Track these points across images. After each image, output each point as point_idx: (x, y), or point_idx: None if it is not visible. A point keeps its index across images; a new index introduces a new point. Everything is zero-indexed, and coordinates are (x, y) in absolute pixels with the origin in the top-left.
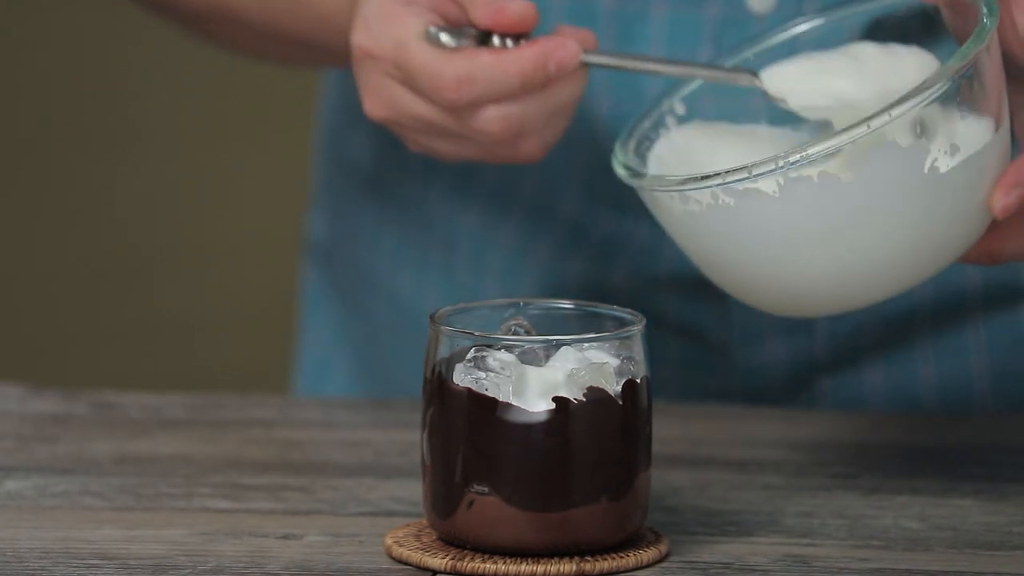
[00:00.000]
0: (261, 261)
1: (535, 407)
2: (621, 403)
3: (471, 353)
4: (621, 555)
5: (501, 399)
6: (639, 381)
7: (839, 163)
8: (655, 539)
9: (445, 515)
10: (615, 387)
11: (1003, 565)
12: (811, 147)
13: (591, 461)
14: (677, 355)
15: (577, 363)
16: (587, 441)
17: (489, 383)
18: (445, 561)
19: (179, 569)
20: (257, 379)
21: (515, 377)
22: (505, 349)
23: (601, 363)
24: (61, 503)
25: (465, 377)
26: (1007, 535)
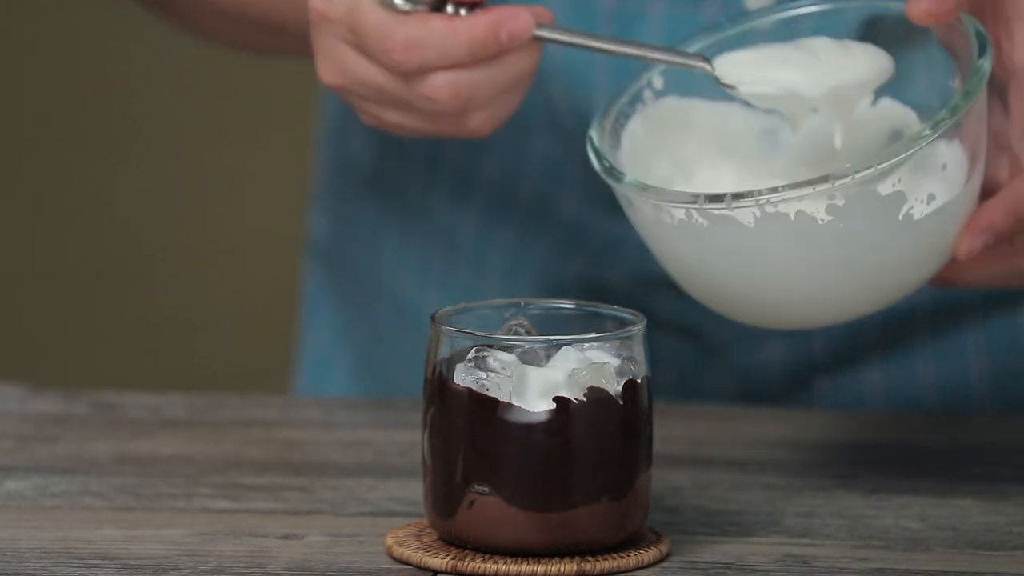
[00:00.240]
0: (261, 261)
1: (536, 407)
2: (622, 403)
3: (472, 353)
4: (622, 555)
5: (502, 399)
6: (640, 381)
7: (817, 204)
8: (656, 539)
9: (446, 515)
10: (616, 387)
11: (1003, 565)
12: (792, 187)
13: (592, 461)
14: (675, 356)
15: (578, 363)
16: (588, 441)
17: (490, 383)
18: (446, 561)
19: (179, 569)
20: (258, 379)
21: (516, 377)
22: (506, 349)
23: (602, 363)
24: (61, 503)
25: (466, 377)
26: (1007, 535)
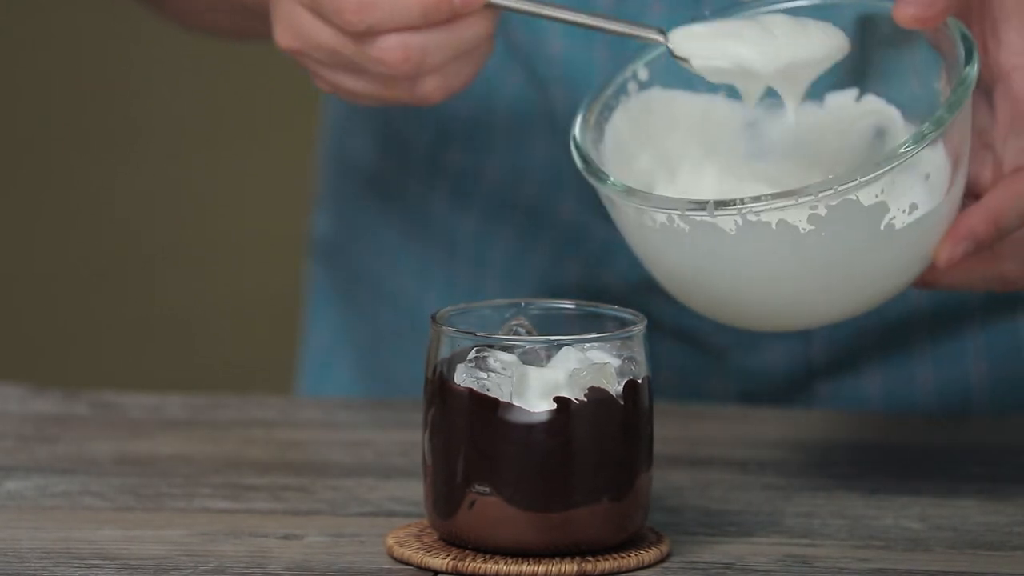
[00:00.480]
0: (262, 261)
1: (536, 407)
2: (622, 403)
3: (472, 353)
4: (622, 555)
5: (502, 399)
6: (640, 381)
7: (799, 213)
8: (656, 539)
9: (446, 515)
10: (616, 387)
11: (1003, 565)
12: (775, 197)
13: (592, 461)
14: (674, 360)
15: (578, 363)
16: (588, 441)
17: (490, 383)
18: (446, 561)
19: (180, 569)
20: (258, 379)
21: (516, 377)
22: (506, 349)
23: (602, 363)
24: (61, 503)
25: (466, 377)
26: (1007, 535)
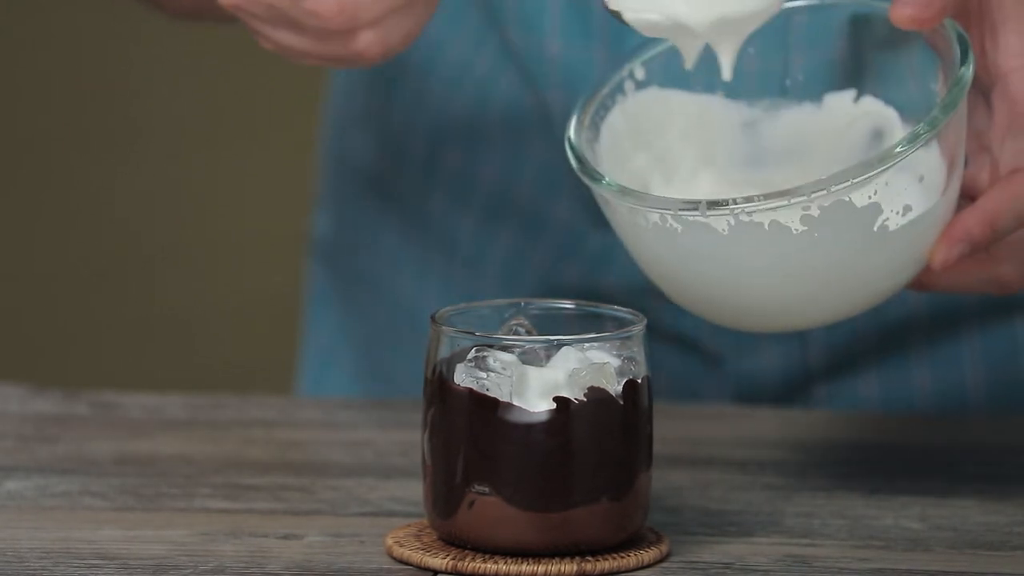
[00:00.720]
0: (263, 261)
1: (536, 407)
2: (622, 403)
3: (472, 353)
4: (622, 555)
5: (502, 399)
6: (640, 381)
7: (792, 214)
8: (656, 539)
9: (446, 515)
10: (616, 387)
11: (1003, 565)
12: (767, 198)
13: (592, 461)
14: (670, 363)
15: (578, 363)
16: (588, 441)
17: (490, 383)
18: (446, 561)
19: (179, 569)
20: (259, 379)
21: (516, 377)
22: (506, 349)
23: (602, 363)
24: (61, 503)
25: (466, 377)
26: (1007, 535)
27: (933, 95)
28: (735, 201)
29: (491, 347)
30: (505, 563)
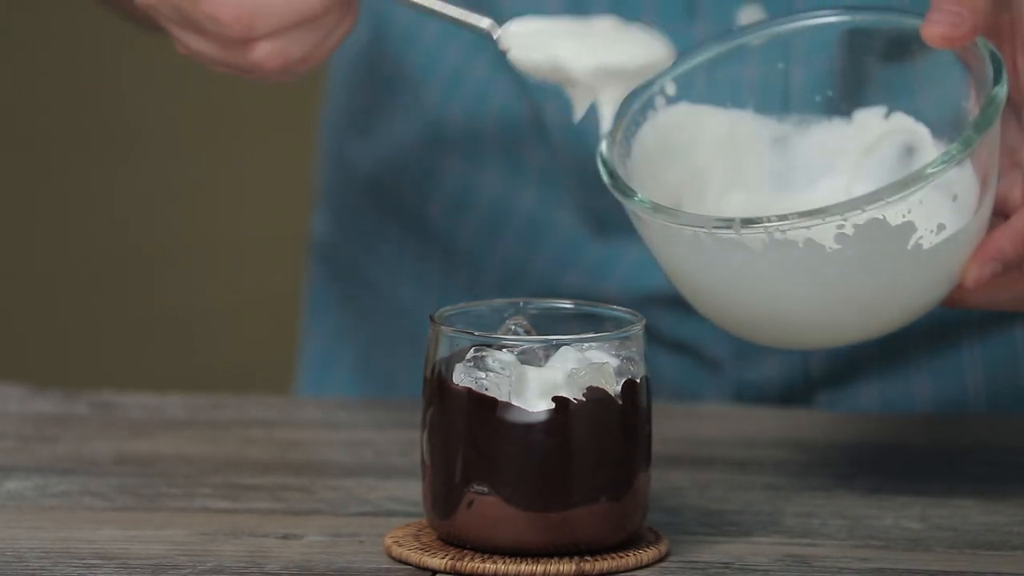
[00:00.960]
0: (261, 261)
1: (535, 407)
2: (621, 403)
3: (471, 353)
4: (621, 555)
5: (501, 399)
6: (639, 381)
7: (826, 232)
8: (655, 539)
9: (445, 515)
10: (615, 387)
11: (1003, 565)
12: (802, 216)
13: (591, 461)
14: (672, 371)
15: (577, 363)
16: (587, 441)
17: (489, 383)
18: (445, 561)
19: (179, 569)
20: (258, 379)
21: (515, 377)
22: (505, 349)
23: (601, 363)
24: (61, 503)
25: (465, 377)
26: (1007, 535)
27: (965, 112)
28: (769, 219)
29: (490, 347)
30: (504, 563)
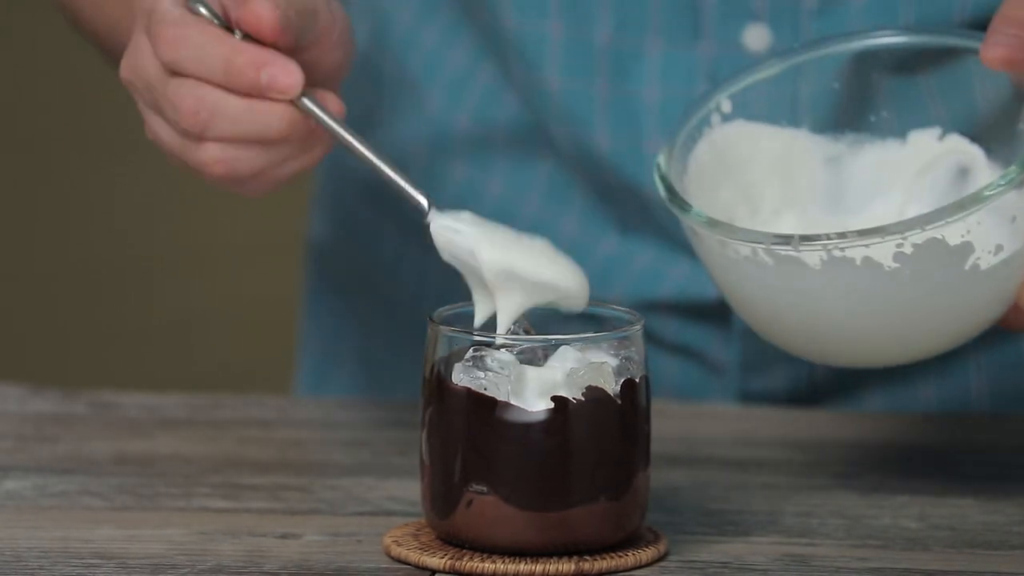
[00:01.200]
0: (261, 261)
1: (534, 407)
2: (620, 403)
3: (470, 353)
4: (620, 554)
5: (500, 399)
6: (638, 381)
7: (885, 251)
8: (654, 539)
9: (444, 514)
10: (614, 387)
11: (1002, 565)
12: (861, 234)
13: (590, 461)
14: (676, 378)
15: (576, 363)
16: (586, 441)
17: (488, 383)
18: (444, 560)
19: (178, 568)
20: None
21: (514, 377)
22: (504, 349)
23: (600, 363)
24: (60, 503)
25: (464, 377)
26: (1006, 535)
27: (1019, 134)
28: (828, 236)
29: (489, 347)
30: (503, 562)
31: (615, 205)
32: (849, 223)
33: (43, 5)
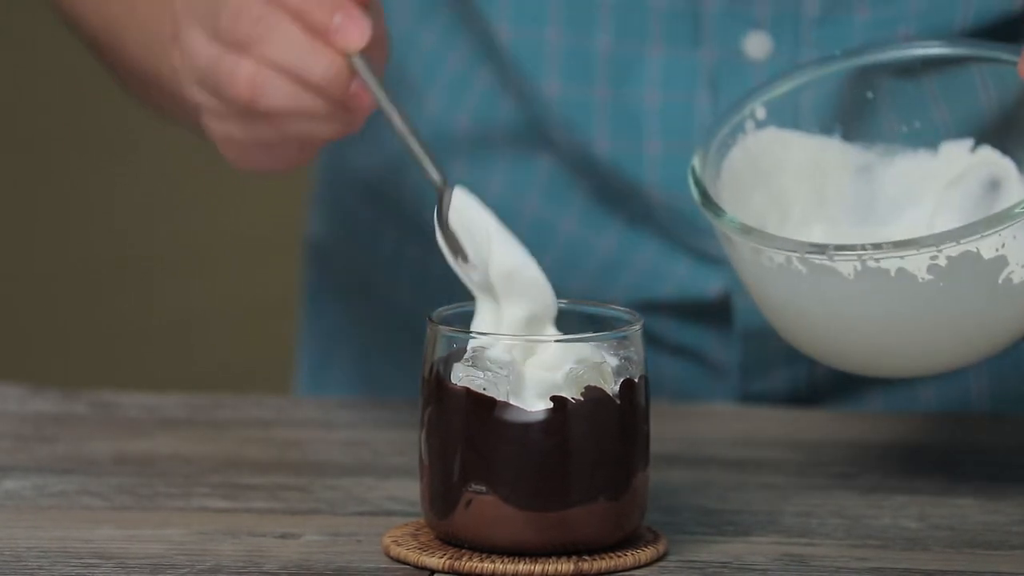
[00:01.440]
0: (260, 261)
1: (533, 406)
2: (619, 402)
3: (469, 352)
4: (619, 554)
5: (499, 399)
6: (637, 380)
7: (919, 262)
8: (653, 538)
9: (443, 514)
10: (613, 386)
11: (1001, 564)
12: (897, 246)
13: (589, 461)
14: (676, 379)
15: (575, 362)
16: (585, 441)
17: (487, 382)
18: (443, 560)
19: (177, 568)
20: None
21: (513, 377)
22: (503, 348)
23: (599, 362)
24: (60, 503)
25: (463, 376)
26: (1006, 535)
27: None
28: (864, 247)
29: (488, 346)
30: (502, 562)
31: (615, 205)
32: (879, 233)
33: (43, 5)
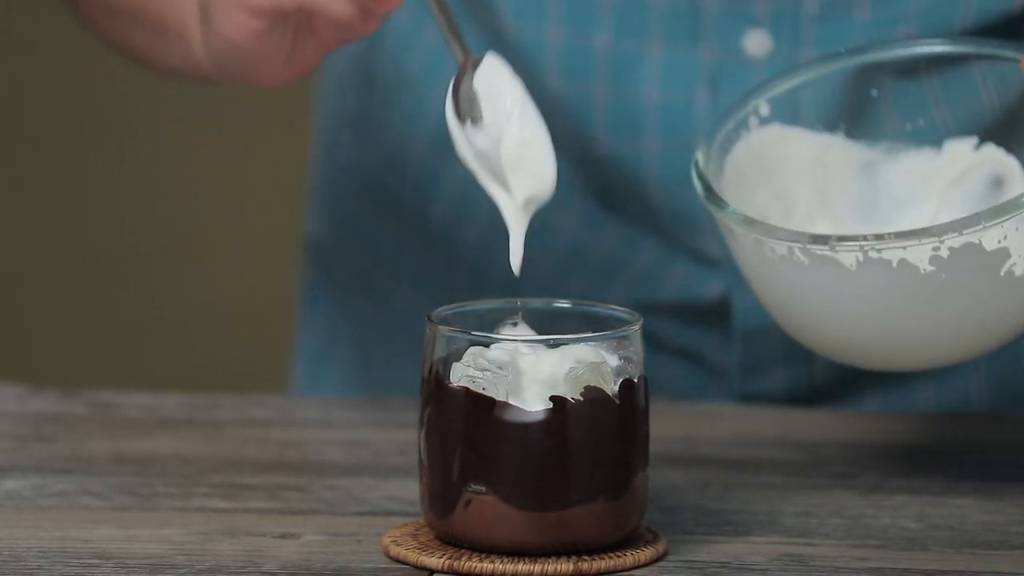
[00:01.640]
0: (259, 260)
1: (532, 406)
2: (619, 402)
3: (468, 352)
4: (619, 554)
5: (498, 398)
6: (636, 380)
7: (921, 253)
8: (653, 538)
9: (443, 514)
10: (613, 386)
11: (1001, 564)
12: (899, 236)
13: (588, 461)
14: (676, 380)
15: (575, 362)
16: (584, 441)
17: (486, 382)
18: (442, 560)
19: (177, 568)
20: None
21: (512, 377)
22: (502, 348)
23: (599, 362)
24: (59, 502)
25: (462, 376)
26: (1005, 534)
27: None
28: (866, 237)
29: (488, 346)
30: (501, 562)
31: (615, 205)
32: (882, 230)
33: (43, 5)
